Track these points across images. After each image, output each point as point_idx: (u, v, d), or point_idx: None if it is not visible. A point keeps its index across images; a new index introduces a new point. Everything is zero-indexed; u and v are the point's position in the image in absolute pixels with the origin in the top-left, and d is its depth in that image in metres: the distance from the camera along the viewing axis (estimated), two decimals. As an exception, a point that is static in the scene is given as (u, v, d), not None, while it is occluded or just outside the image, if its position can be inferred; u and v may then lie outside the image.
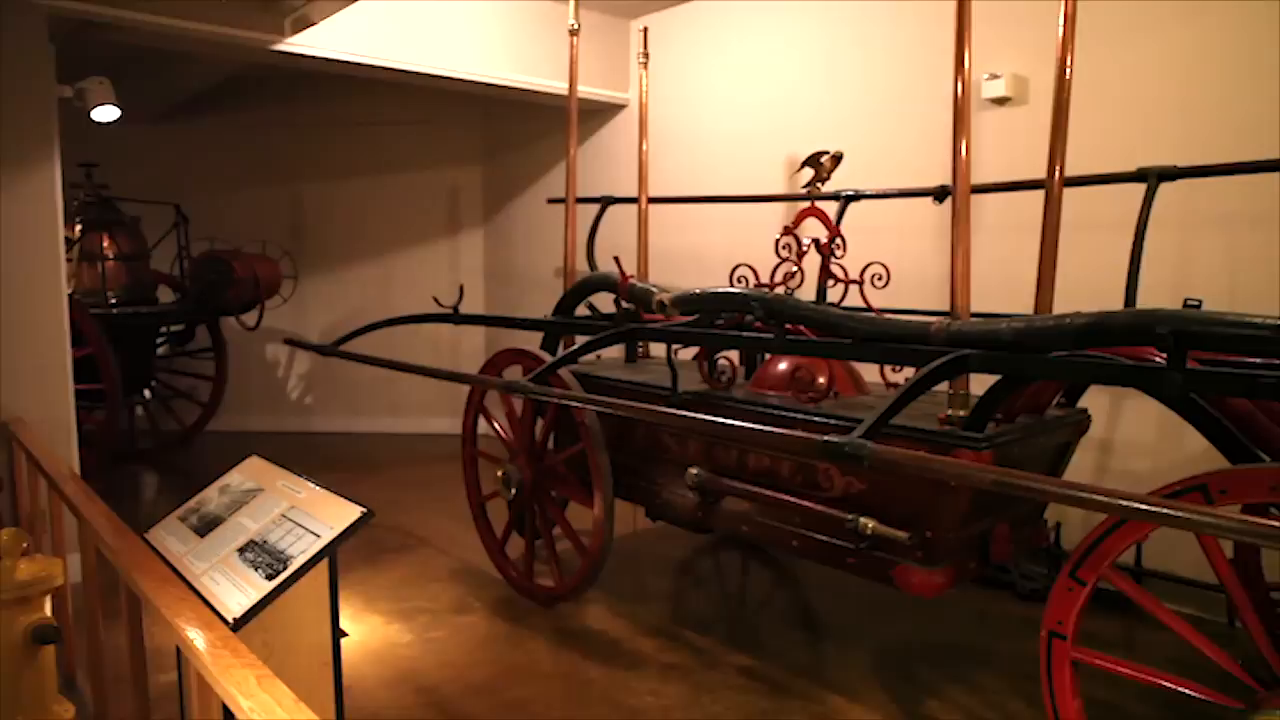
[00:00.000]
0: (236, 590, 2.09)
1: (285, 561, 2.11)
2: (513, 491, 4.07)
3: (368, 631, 3.87)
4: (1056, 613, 2.35)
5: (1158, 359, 2.36)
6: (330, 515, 2.24)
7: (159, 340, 7.41)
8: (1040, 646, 2.39)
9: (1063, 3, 2.90)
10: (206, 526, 2.45)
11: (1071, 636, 2.34)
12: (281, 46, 4.96)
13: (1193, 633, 2.23)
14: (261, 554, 2.19)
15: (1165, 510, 1.77)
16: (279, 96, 7.96)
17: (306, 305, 8.07)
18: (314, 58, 5.16)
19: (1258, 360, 2.52)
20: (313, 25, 4.89)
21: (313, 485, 2.41)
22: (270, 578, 2.07)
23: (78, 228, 6.41)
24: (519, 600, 4.20)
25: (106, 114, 5.46)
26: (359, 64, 5.34)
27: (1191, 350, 2.22)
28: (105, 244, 6.59)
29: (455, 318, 4.75)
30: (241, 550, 2.24)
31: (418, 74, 5.64)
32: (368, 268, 8.33)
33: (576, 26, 4.75)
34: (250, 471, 2.66)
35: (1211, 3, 3.87)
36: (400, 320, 5.06)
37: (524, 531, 4.19)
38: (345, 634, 2.64)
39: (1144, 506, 1.79)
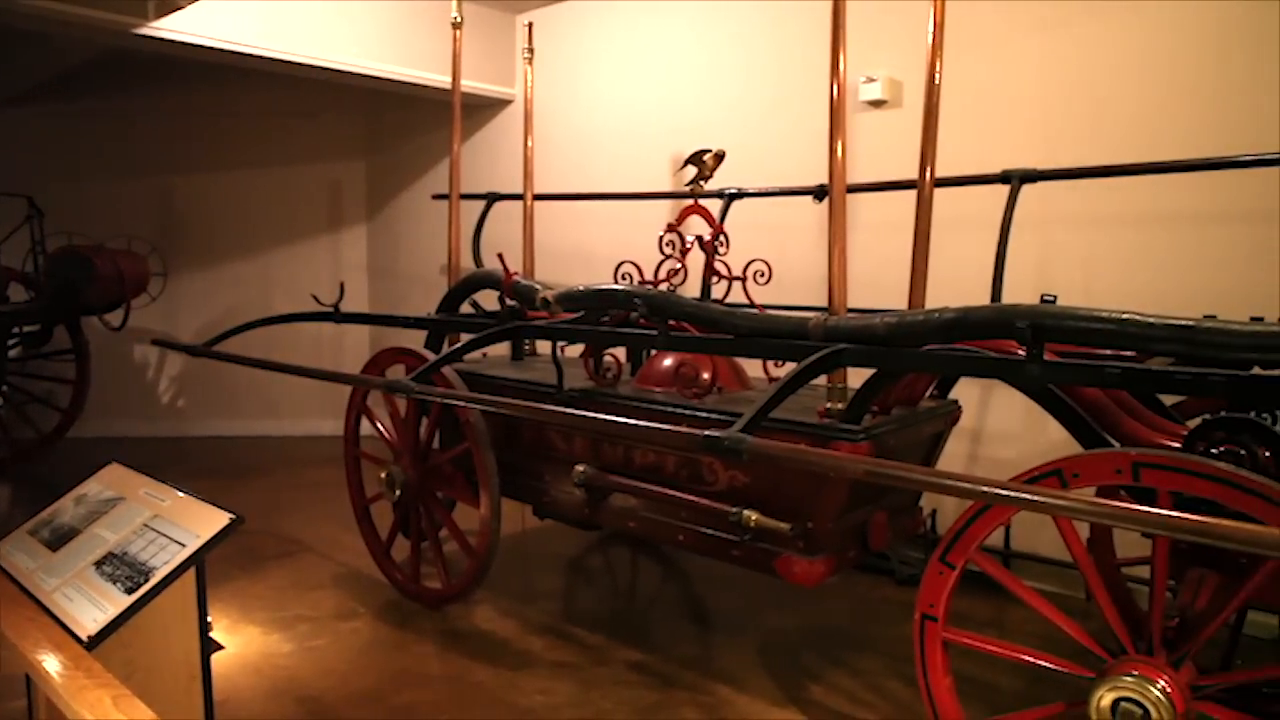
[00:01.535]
0: (92, 606, 1.97)
1: (147, 573, 2.00)
2: (397, 493, 3.98)
3: (244, 643, 3.71)
4: (928, 596, 2.45)
5: (1019, 352, 2.48)
6: (197, 523, 2.14)
7: (11, 342, 6.92)
8: (914, 629, 2.48)
9: (932, 10, 3.01)
10: (59, 540, 2.30)
11: (943, 618, 2.44)
12: (145, 30, 4.70)
13: (1050, 609, 2.35)
14: (121, 566, 2.07)
15: (1023, 495, 1.86)
16: (147, 83, 7.51)
17: (178, 304, 7.69)
18: (181, 43, 4.91)
19: (1108, 352, 2.70)
20: (179, 9, 4.65)
21: (178, 492, 2.30)
22: (130, 591, 1.97)
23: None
24: (405, 604, 4.11)
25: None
26: (230, 52, 5.12)
27: (1049, 343, 2.35)
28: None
29: (336, 316, 4.61)
30: (99, 564, 2.12)
31: (294, 64, 5.44)
32: (245, 265, 7.99)
33: (459, 20, 4.67)
34: (109, 480, 2.52)
35: (1079, 8, 4.09)
36: (277, 319, 4.88)
37: (409, 533, 4.11)
38: (220, 646, 2.53)
39: (1004, 492, 1.87)
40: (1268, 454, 2.21)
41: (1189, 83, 3.80)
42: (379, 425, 4.20)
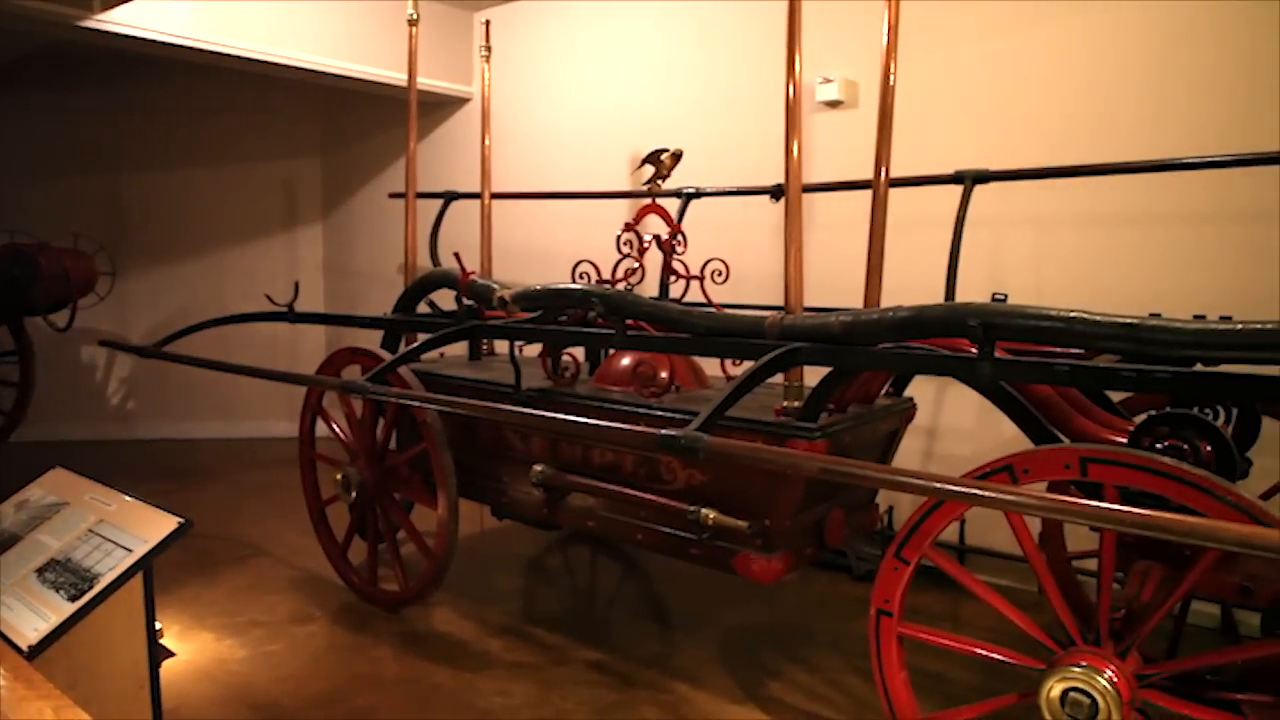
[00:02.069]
0: (34, 615, 1.92)
1: (91, 580, 1.96)
2: (353, 494, 3.93)
3: (196, 649, 3.64)
4: (884, 591, 2.48)
5: (972, 350, 2.52)
6: (144, 528, 2.09)
7: (-48, 344, 6.73)
8: (869, 624, 2.51)
9: (887, 12, 3.05)
10: None
11: (898, 613, 2.47)
12: (90, 23, 4.59)
13: (1002, 602, 2.39)
14: (64, 573, 2.02)
15: (974, 490, 1.89)
16: (94, 77, 7.34)
17: (128, 304, 7.53)
18: (127, 37, 4.80)
19: (1057, 349, 2.75)
20: (126, 1, 4.55)
21: (125, 496, 2.25)
22: (74, 599, 1.92)
23: None
24: (362, 607, 4.06)
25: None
26: (179, 46, 5.01)
27: (1000, 341, 2.39)
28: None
29: (290, 316, 4.55)
30: (41, 571, 2.07)
31: (246, 59, 5.35)
32: (197, 264, 7.83)
33: (415, 17, 4.62)
34: (53, 484, 2.45)
35: (1032, 11, 4.16)
36: (231, 320, 4.80)
37: (366, 536, 4.06)
38: (170, 654, 2.48)
39: (955, 488, 1.90)
40: (1209, 448, 2.27)
41: (1136, 85, 3.88)
42: (335, 426, 4.15)
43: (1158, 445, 2.32)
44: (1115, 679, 2.11)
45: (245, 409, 7.71)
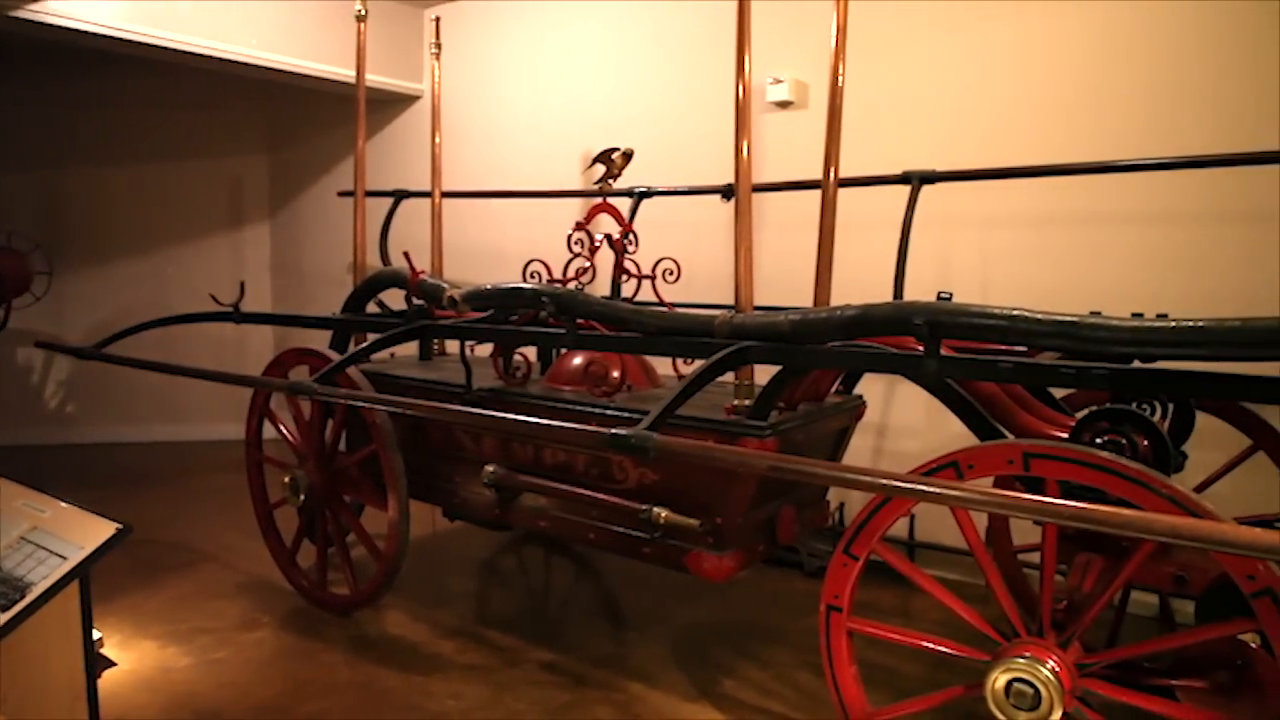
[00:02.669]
0: (-37, 625, 1.86)
1: (23, 589, 1.90)
2: (302, 497, 3.87)
3: (139, 658, 3.55)
4: (833, 587, 2.50)
5: (918, 348, 2.55)
6: (80, 534, 2.04)
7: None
8: (819, 619, 2.53)
9: (835, 14, 3.08)
10: (-72, 555, 2.16)
11: (847, 608, 2.49)
12: (21, 13, 4.44)
13: (949, 596, 2.43)
14: (-5, 582, 1.96)
15: (920, 486, 1.91)
16: (27, 70, 7.12)
17: (66, 304, 7.32)
18: (63, 29, 4.66)
19: (1002, 347, 2.80)
20: (59, -9, 4.43)
21: (60, 503, 2.19)
22: (4, 609, 1.86)
23: None
24: (312, 611, 4.00)
25: None
26: (116, 39, 4.88)
27: (946, 339, 2.42)
28: None
29: (236, 316, 4.46)
30: (-29, 580, 2.00)
31: (187, 53, 5.22)
32: (139, 263, 7.64)
33: (364, 13, 4.57)
34: (-16, 491, 2.38)
35: (978, 13, 4.23)
36: (173, 320, 4.70)
37: (315, 539, 4.00)
38: (111, 663, 2.43)
39: (901, 484, 1.92)
40: (1146, 443, 2.33)
41: (1079, 88, 3.97)
42: (282, 428, 4.08)
43: (1097, 440, 2.38)
44: (1057, 669, 2.16)
45: (190, 411, 7.54)
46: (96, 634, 2.07)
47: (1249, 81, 3.59)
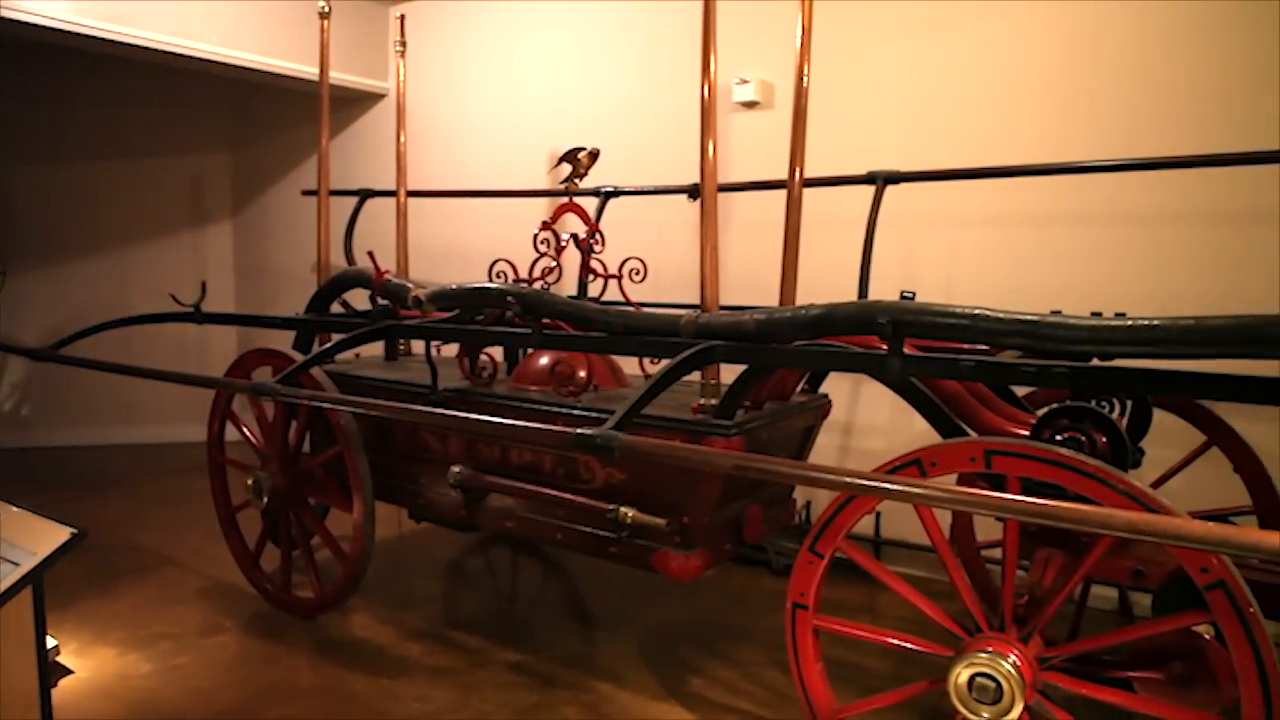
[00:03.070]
0: (-88, 634, 1.81)
1: (-25, 596, 1.86)
2: (265, 500, 3.82)
3: (97, 666, 3.49)
4: (799, 585, 2.51)
5: (883, 347, 2.57)
6: (33, 540, 2.00)
7: None
8: (786, 617, 2.55)
9: (800, 14, 3.09)
10: (-125, 563, 2.11)
11: (813, 606, 2.51)
12: (-28, 9, 4.36)
13: (913, 592, 2.45)
14: (-54, 589, 1.91)
15: (883, 484, 1.93)
16: (-20, 66, 6.99)
17: (21, 305, 7.16)
18: (13, 22, 4.56)
19: (965, 346, 2.83)
20: (14, -16, 4.33)
21: (12, 507, 2.14)
22: (-44, 616, 1.82)
23: None
24: (276, 615, 3.95)
25: None
26: (73, 34, 4.78)
27: (910, 338, 2.45)
28: None
29: (197, 317, 4.40)
30: (-81, 587, 1.95)
31: (146, 49, 5.14)
32: (97, 263, 7.49)
33: (327, 10, 4.53)
34: (-66, 496, 2.32)
35: (943, 14, 4.27)
36: (132, 320, 4.62)
37: (279, 542, 3.95)
38: (68, 671, 2.38)
39: (865, 482, 1.94)
40: (1104, 439, 2.36)
41: (1046, 88, 4.02)
42: (245, 430, 4.02)
43: (1057, 437, 2.41)
44: (1019, 663, 2.18)
45: (151, 414, 7.41)
46: (52, 641, 2.03)
47: (1206, 83, 3.66)
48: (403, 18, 5.05)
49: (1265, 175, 3.50)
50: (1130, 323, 2.08)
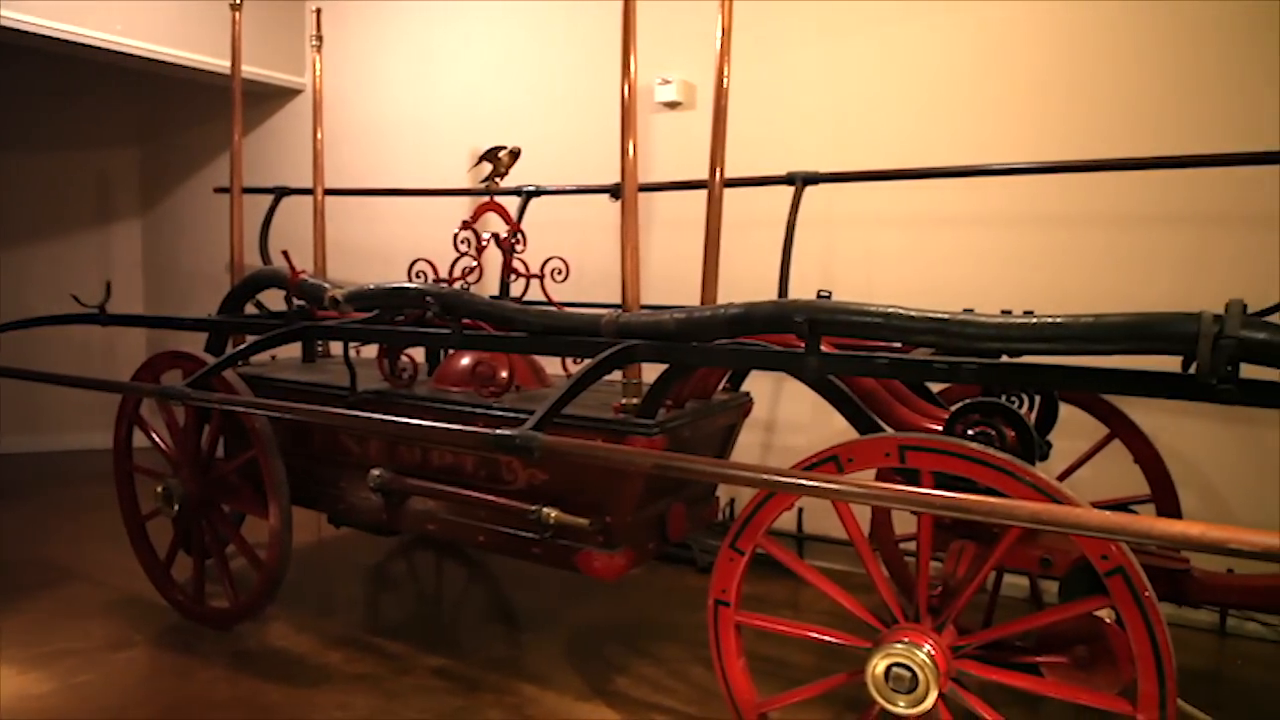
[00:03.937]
0: None
1: None
2: (176, 508, 3.69)
3: (-6, 685, 3.33)
4: (720, 582, 2.53)
5: (800, 345, 2.61)
6: (-82, 555, 1.88)
7: None
8: (708, 614, 2.57)
9: (720, 15, 3.12)
10: None
11: (735, 602, 2.53)
12: None
13: (832, 586, 2.49)
14: None
15: (800, 481, 1.96)
16: None
17: (-91, 307, 6.79)
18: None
19: (880, 344, 2.89)
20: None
21: (-105, 521, 2.02)
22: None
23: None
24: (189, 627, 3.82)
25: None
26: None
27: (826, 336, 2.49)
28: None
29: (102, 318, 4.22)
30: None
31: (41, 36, 4.91)
32: (-7, 262, 7.16)
33: (238, 1, 4.39)
34: None
35: (864, 13, 4.36)
36: (30, 323, 4.41)
37: (192, 551, 3.82)
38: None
39: (783, 479, 1.97)
40: (1013, 433, 2.44)
41: (964, 90, 4.14)
42: (154, 436, 3.88)
43: (969, 432, 2.48)
44: (933, 652, 2.24)
45: (54, 420, 7.09)
46: (-60, 661, 1.92)
47: (1116, 85, 3.82)
48: (319, 11, 4.93)
49: (1172, 179, 3.67)
50: (1035, 320, 2.15)
